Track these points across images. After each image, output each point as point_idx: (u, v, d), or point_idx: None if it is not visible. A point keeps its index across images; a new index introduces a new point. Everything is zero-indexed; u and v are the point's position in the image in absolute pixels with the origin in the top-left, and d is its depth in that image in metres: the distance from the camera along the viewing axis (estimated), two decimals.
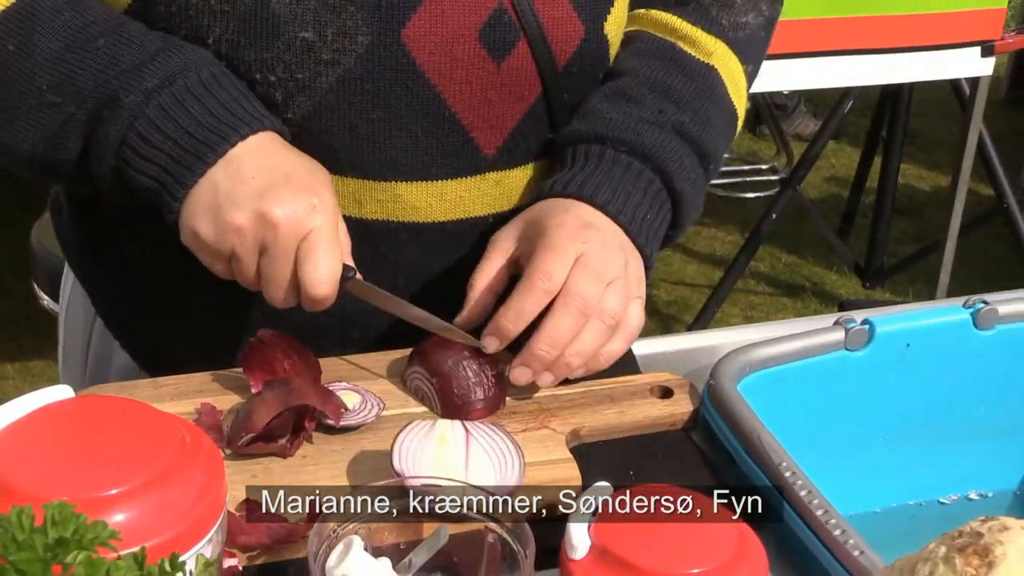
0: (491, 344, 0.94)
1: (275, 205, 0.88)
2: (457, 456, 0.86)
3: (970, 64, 2.84)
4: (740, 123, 1.15)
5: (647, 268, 1.02)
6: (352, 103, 0.97)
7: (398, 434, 0.86)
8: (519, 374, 0.94)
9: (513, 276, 0.99)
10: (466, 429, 0.88)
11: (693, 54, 1.09)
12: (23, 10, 0.92)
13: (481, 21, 0.96)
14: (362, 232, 1.01)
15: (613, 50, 1.08)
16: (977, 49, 2.81)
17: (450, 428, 0.87)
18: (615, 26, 1.07)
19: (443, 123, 1.00)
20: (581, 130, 1.03)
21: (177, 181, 0.90)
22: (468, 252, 1.05)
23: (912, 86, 3.21)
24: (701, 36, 1.09)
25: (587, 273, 0.93)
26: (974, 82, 2.97)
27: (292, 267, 0.90)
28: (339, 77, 0.95)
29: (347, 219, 0.99)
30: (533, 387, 0.98)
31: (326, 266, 0.89)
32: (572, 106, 1.06)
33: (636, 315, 0.97)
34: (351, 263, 0.94)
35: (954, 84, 3.11)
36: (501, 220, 1.04)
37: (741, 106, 1.13)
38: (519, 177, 1.06)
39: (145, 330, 1.12)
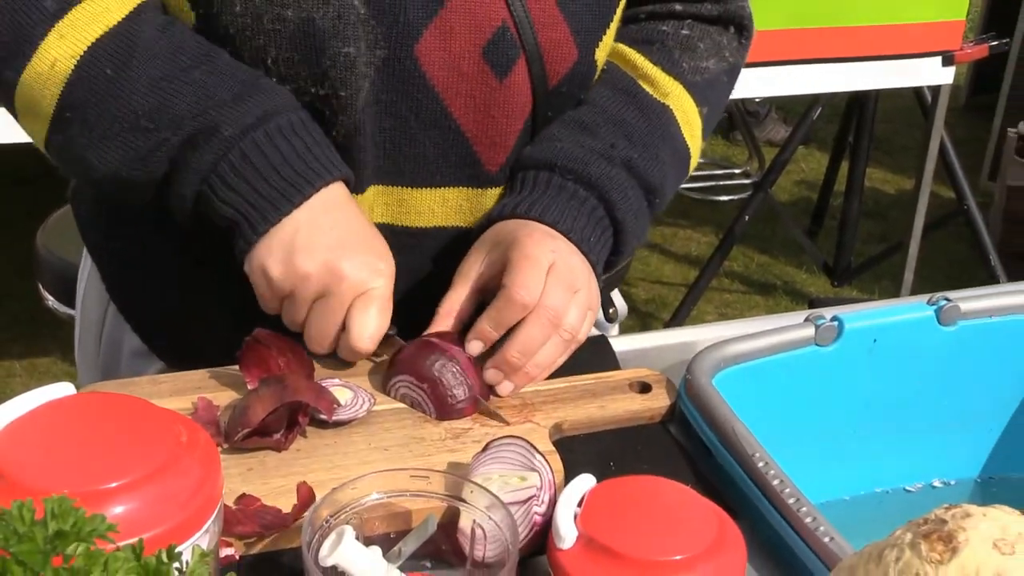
0: (475, 348, 0.95)
1: (346, 261, 0.91)
2: None
3: (932, 73, 2.85)
4: (694, 161, 1.16)
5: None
6: (368, 113, 0.98)
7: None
8: (492, 375, 0.95)
9: (480, 303, 0.99)
10: None
11: (651, 93, 1.10)
12: (123, 34, 0.92)
13: (486, 38, 0.97)
14: None
15: (598, 73, 1.10)
16: (938, 59, 2.82)
17: None
18: (604, 51, 1.08)
19: (448, 135, 1.01)
20: (534, 157, 1.05)
21: (262, 217, 0.91)
22: (461, 255, 1.04)
23: (877, 93, 3.22)
24: (660, 76, 1.10)
25: (559, 284, 0.95)
26: (936, 90, 2.98)
27: (343, 318, 0.93)
28: (366, 90, 0.96)
29: None
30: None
31: (375, 325, 0.93)
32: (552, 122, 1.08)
33: (586, 330, 0.99)
34: (394, 326, 0.96)
35: (917, 92, 3.13)
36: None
37: (695, 145, 1.14)
38: None
39: (154, 314, 1.12)
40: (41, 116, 0.94)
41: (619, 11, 1.07)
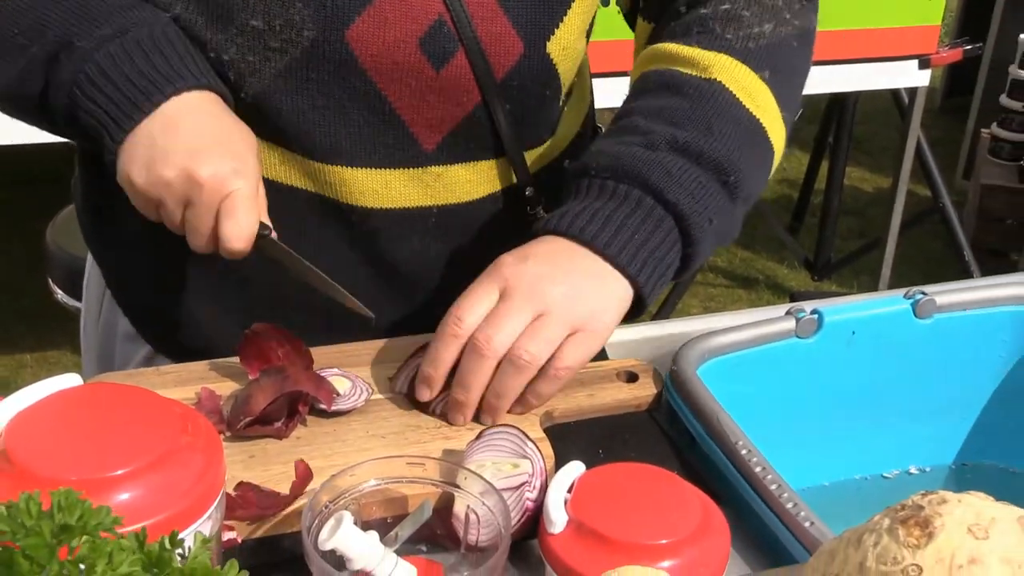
0: (423, 393, 0.92)
1: (202, 165, 0.88)
2: None
3: (909, 76, 2.85)
4: (776, 135, 1.03)
5: (641, 290, 0.94)
6: (299, 89, 0.96)
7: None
8: (452, 419, 0.92)
9: None
10: None
11: (691, 73, 1.00)
12: None
13: (422, 30, 0.95)
14: (317, 207, 1.01)
15: (561, 68, 1.03)
16: (915, 62, 2.83)
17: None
18: (560, 46, 1.01)
19: (384, 117, 0.99)
20: (571, 167, 1.01)
21: (117, 125, 0.90)
22: (414, 239, 1.04)
23: (856, 95, 3.22)
24: (698, 54, 1.01)
25: (498, 317, 0.89)
26: (912, 92, 2.98)
27: (213, 221, 0.90)
28: (286, 65, 0.95)
29: (303, 192, 1.00)
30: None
31: (243, 224, 0.89)
32: (517, 115, 1.03)
33: (570, 354, 0.90)
34: (267, 222, 0.93)
35: (894, 94, 3.12)
36: (445, 213, 1.03)
37: (767, 116, 1.01)
38: (460, 173, 1.04)
39: (141, 299, 1.12)
40: None
41: (577, 4, 1.01)
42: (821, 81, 2.78)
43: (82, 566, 0.49)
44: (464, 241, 1.07)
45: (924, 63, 2.84)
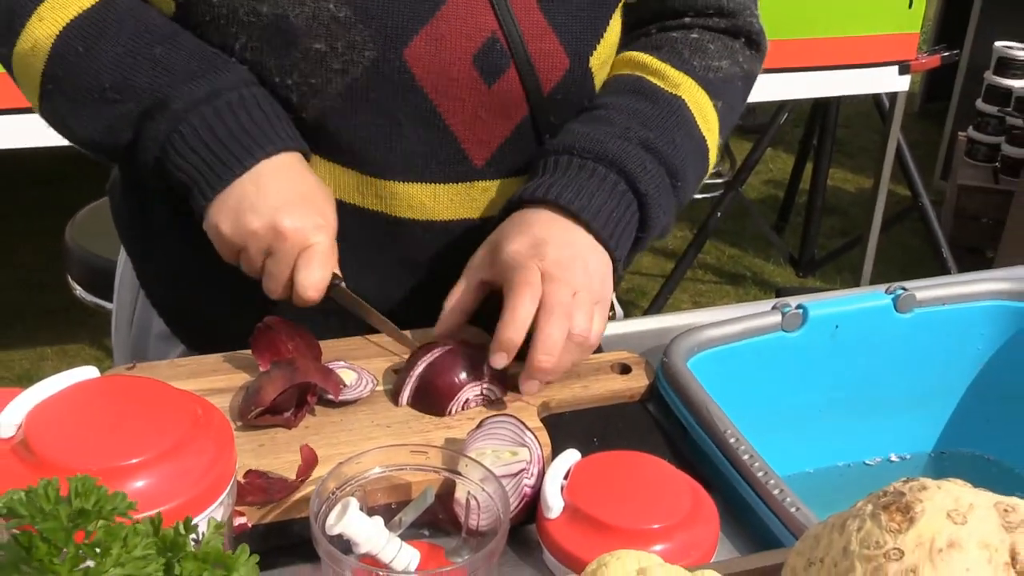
0: (500, 360, 0.91)
1: (287, 218, 0.91)
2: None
3: (889, 81, 2.85)
4: (712, 155, 1.09)
5: (616, 264, 0.98)
6: (358, 108, 0.96)
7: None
8: (529, 387, 0.93)
9: (489, 296, 0.98)
10: None
11: (661, 85, 1.05)
12: (94, 15, 0.95)
13: (476, 47, 0.95)
14: (363, 220, 1.01)
15: (598, 80, 1.06)
16: (895, 68, 2.82)
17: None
18: (600, 60, 1.04)
19: (438, 133, 0.99)
20: (551, 145, 1.02)
21: (208, 184, 0.92)
22: (459, 249, 1.03)
23: (839, 100, 3.22)
24: (670, 71, 1.06)
25: (556, 283, 0.91)
26: (893, 96, 2.98)
27: (291, 270, 0.92)
28: (347, 85, 0.95)
29: (349, 207, 1.00)
30: (513, 365, 0.97)
31: (318, 276, 0.91)
32: (559, 126, 1.04)
33: (597, 329, 0.93)
34: (339, 273, 0.95)
35: (875, 98, 3.13)
36: (491, 224, 1.02)
37: (711, 138, 1.08)
38: (506, 187, 1.04)
39: (177, 299, 1.12)
40: (31, 87, 0.98)
41: (614, 20, 1.04)
42: (806, 86, 2.78)
43: (98, 550, 0.48)
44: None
45: (904, 69, 2.83)
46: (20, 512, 0.48)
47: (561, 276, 0.92)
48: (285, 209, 0.91)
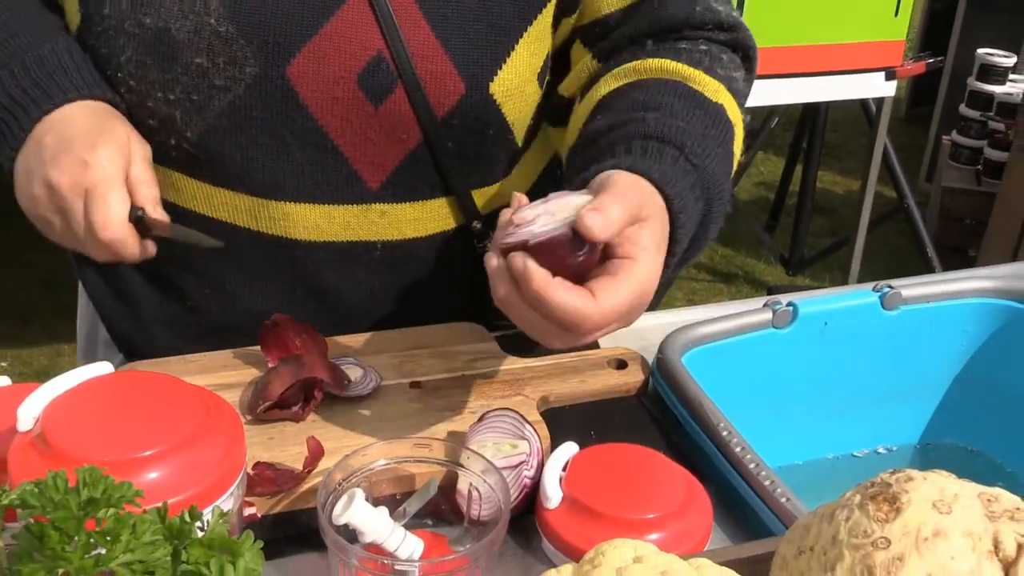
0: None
1: (53, 170, 0.85)
2: None
3: (876, 87, 2.85)
4: (733, 168, 0.95)
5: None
6: (242, 127, 0.92)
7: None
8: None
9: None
10: None
11: (701, 91, 0.92)
12: None
13: (360, 66, 0.90)
14: (259, 244, 0.98)
15: (507, 110, 0.97)
16: (882, 74, 2.82)
17: None
18: (504, 88, 0.95)
19: (326, 154, 0.94)
20: (629, 131, 0.87)
21: (4, 143, 0.87)
22: (358, 272, 1.00)
23: (828, 105, 3.21)
24: (704, 78, 0.93)
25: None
26: (879, 102, 2.98)
27: (84, 220, 0.85)
28: (229, 102, 0.91)
29: (244, 231, 0.97)
30: (513, 361, 0.97)
31: (105, 211, 0.84)
32: (462, 154, 0.97)
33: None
34: (147, 204, 0.87)
35: (863, 103, 3.12)
36: (390, 247, 0.99)
37: (737, 148, 0.96)
38: (406, 211, 0.99)
39: (110, 311, 1.10)
40: None
41: (520, 48, 0.95)
42: (795, 92, 2.78)
43: (108, 537, 0.48)
44: (409, 273, 1.03)
45: (890, 75, 2.83)
46: (32, 503, 0.48)
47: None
48: (53, 161, 0.84)
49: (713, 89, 0.94)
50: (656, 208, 0.79)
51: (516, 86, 0.96)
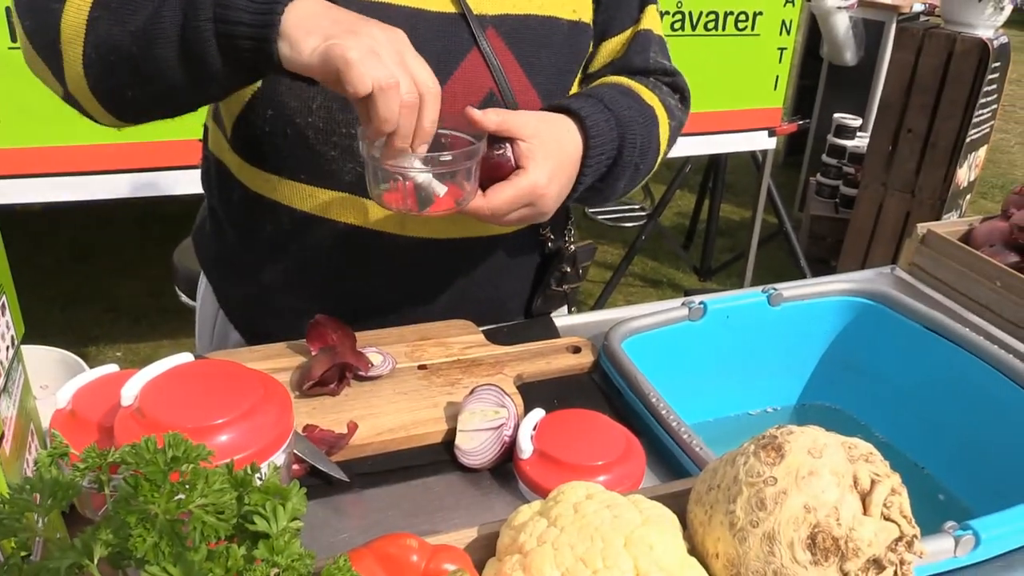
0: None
1: (363, 23, 0.73)
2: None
3: (761, 141, 2.86)
4: (659, 158, 1.01)
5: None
6: None
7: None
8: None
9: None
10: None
11: (640, 95, 0.98)
12: None
13: (478, 100, 0.92)
14: (358, 235, 0.94)
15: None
16: (765, 132, 2.84)
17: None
18: None
19: None
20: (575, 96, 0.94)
21: (266, 22, 0.71)
22: (462, 264, 0.99)
23: (727, 155, 3.22)
24: (644, 89, 0.99)
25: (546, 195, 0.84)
26: (764, 152, 2.99)
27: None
28: None
29: (373, 233, 0.93)
30: (495, 348, 0.96)
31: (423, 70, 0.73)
32: None
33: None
34: None
35: (752, 154, 3.13)
36: (470, 243, 0.98)
37: (663, 145, 1.00)
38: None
39: (249, 316, 1.07)
40: (75, 31, 0.77)
41: (576, 82, 1.00)
42: (703, 145, 2.80)
43: (187, 486, 0.47)
44: (489, 263, 1.02)
45: (771, 133, 2.85)
46: (129, 461, 0.47)
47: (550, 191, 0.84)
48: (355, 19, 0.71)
49: (648, 95, 0.99)
50: (560, 131, 0.87)
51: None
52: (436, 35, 0.90)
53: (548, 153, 0.85)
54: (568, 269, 1.07)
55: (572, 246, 1.08)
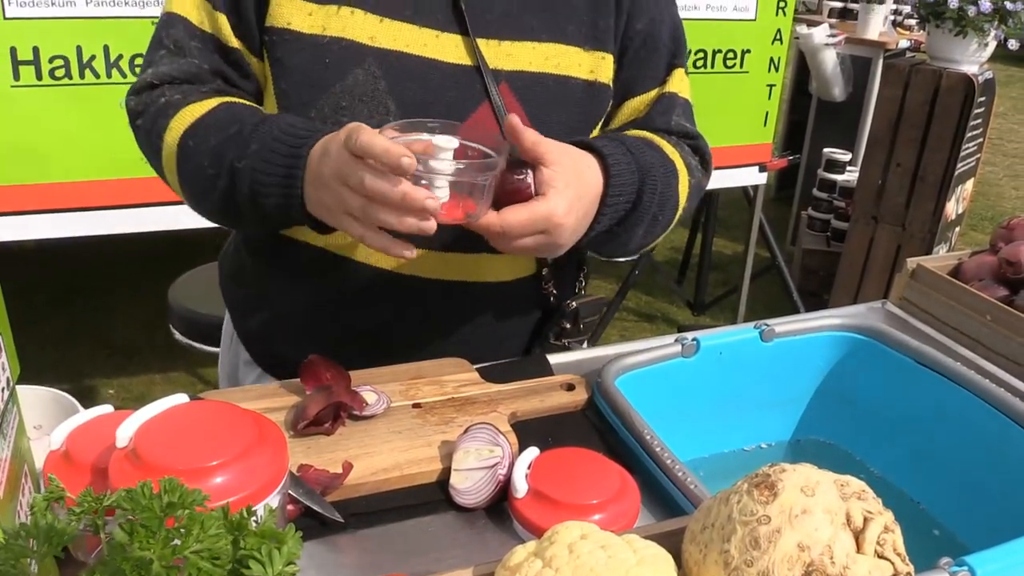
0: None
1: (326, 167, 0.80)
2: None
3: (752, 177, 2.89)
4: (678, 214, 1.01)
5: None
6: None
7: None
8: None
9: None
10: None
11: (663, 149, 0.98)
12: (207, 121, 0.89)
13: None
14: (382, 276, 0.96)
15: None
16: (756, 167, 2.87)
17: None
18: None
19: None
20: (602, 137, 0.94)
21: (291, 185, 0.83)
22: (466, 307, 1.00)
23: (719, 190, 3.26)
24: (667, 145, 0.99)
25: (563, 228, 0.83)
26: (756, 187, 3.02)
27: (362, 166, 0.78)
28: None
29: (382, 269, 0.95)
30: (489, 386, 0.96)
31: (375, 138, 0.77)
32: None
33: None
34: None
35: (744, 189, 3.16)
36: (481, 288, 0.99)
37: (682, 201, 1.00)
38: (504, 258, 0.98)
39: (261, 337, 1.08)
40: (174, 183, 0.94)
41: (597, 128, 0.99)
42: None
43: (183, 530, 0.47)
44: (488, 309, 1.03)
45: (762, 168, 2.88)
46: (124, 506, 0.47)
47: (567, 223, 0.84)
48: (320, 171, 0.81)
49: (669, 150, 0.99)
50: (583, 166, 0.86)
51: None
52: (449, 85, 0.91)
53: (568, 183, 0.83)
54: (568, 325, 1.07)
55: (574, 303, 1.07)
